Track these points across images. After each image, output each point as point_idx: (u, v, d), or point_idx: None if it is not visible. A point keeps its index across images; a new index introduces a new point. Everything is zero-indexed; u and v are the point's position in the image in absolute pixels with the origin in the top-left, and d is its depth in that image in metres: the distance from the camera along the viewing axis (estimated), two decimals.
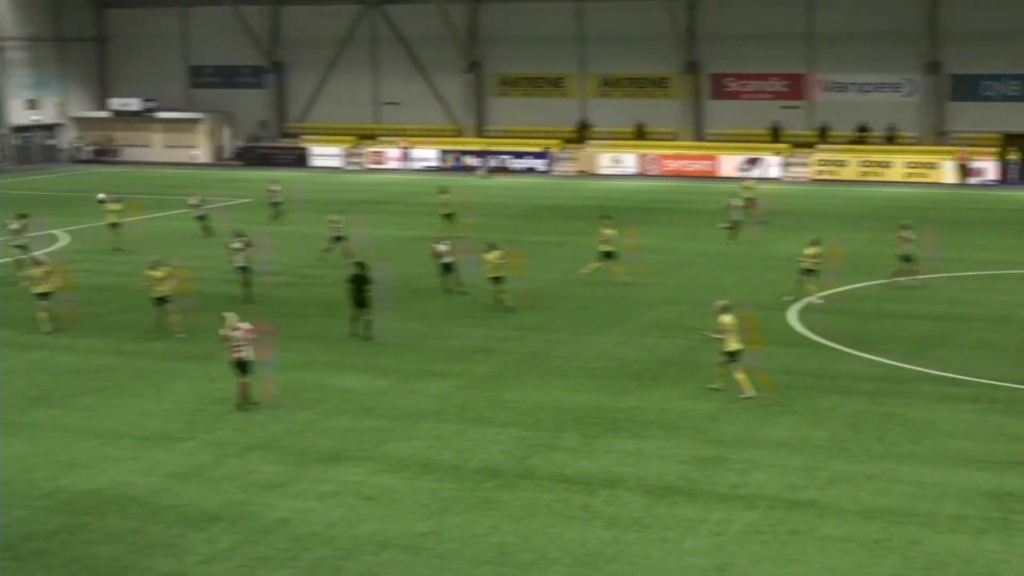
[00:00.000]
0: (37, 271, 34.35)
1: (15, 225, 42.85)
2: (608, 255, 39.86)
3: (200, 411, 26.23)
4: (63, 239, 50.60)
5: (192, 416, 25.88)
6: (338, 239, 43.53)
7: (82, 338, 32.81)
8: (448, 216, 49.48)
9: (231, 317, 26.45)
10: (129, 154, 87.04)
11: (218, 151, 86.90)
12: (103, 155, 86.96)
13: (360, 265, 32.87)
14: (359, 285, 32.26)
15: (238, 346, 25.93)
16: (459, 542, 19.19)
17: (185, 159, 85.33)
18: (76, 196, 66.05)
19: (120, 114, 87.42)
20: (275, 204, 53.98)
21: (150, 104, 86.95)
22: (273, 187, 54.66)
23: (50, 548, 19.01)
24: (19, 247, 42.09)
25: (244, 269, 37.32)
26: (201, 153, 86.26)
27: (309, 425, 25.04)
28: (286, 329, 31.71)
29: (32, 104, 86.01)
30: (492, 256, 35.61)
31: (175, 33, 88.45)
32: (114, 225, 47.56)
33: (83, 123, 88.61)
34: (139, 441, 24.24)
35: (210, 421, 25.53)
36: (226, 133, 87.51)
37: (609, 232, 40.12)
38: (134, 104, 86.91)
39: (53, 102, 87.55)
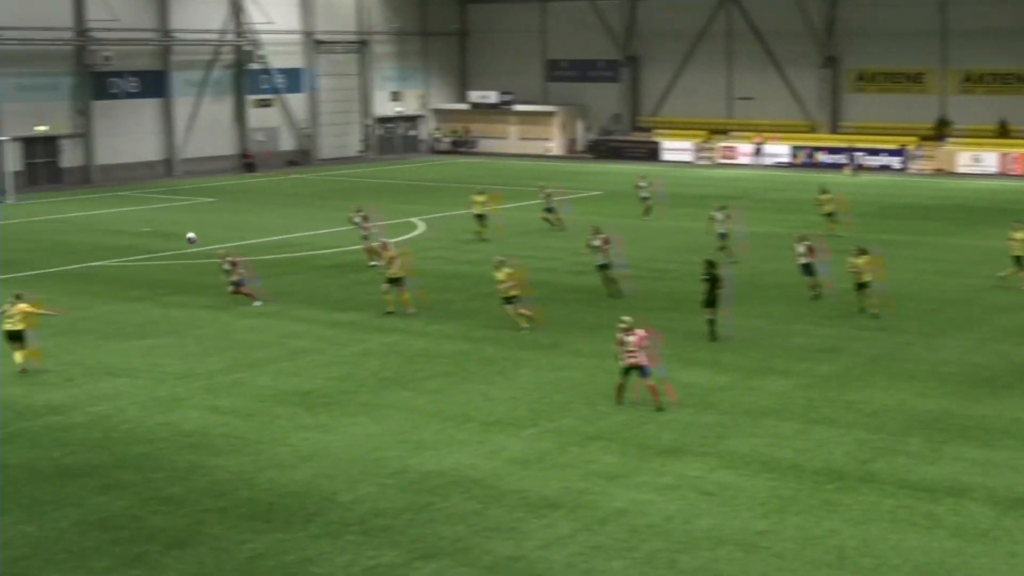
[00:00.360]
0: (388, 254, 35.46)
1: (357, 217, 44.42)
2: (1019, 260, 37.31)
3: (544, 400, 26.65)
4: (420, 227, 52.34)
5: (536, 404, 26.32)
6: (722, 235, 42.77)
7: (434, 323, 33.79)
8: (829, 215, 48.36)
9: (627, 320, 25.94)
10: (485, 145, 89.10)
11: (571, 144, 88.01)
12: (460, 146, 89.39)
13: (711, 264, 32.45)
14: (711, 284, 31.66)
15: (632, 351, 25.42)
16: (797, 543, 18.93)
17: (539, 151, 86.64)
18: (434, 185, 68.32)
19: (478, 106, 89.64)
20: (644, 199, 54.03)
21: (507, 97, 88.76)
22: (641, 183, 54.77)
23: (397, 525, 19.70)
24: (363, 237, 43.55)
25: (604, 267, 37.52)
26: (554, 145, 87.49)
27: (650, 418, 25.12)
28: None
29: (395, 96, 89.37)
30: (860, 261, 34.09)
31: (533, 27, 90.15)
32: (479, 216, 48.71)
33: (442, 115, 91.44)
34: (484, 426, 24.84)
35: (553, 410, 25.93)
36: (579, 126, 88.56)
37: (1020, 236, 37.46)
38: (492, 97, 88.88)
39: (415, 94, 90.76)
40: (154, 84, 75.24)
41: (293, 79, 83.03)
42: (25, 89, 68.95)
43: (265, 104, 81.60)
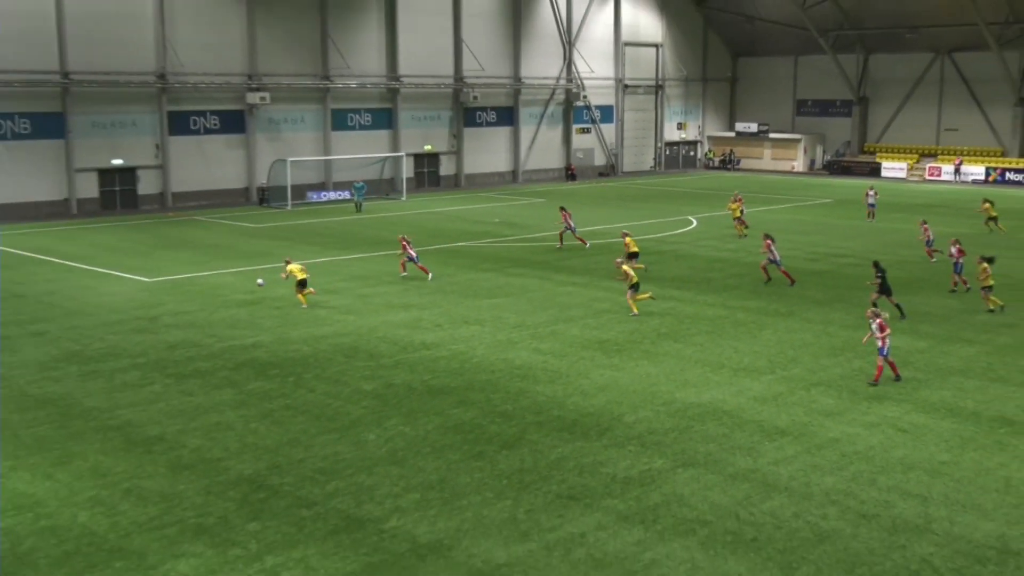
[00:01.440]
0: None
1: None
2: None
3: (780, 354, 26.04)
4: (694, 223, 51.75)
5: (773, 357, 25.75)
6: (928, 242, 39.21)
7: (701, 294, 33.41)
8: (991, 220, 45.31)
9: (875, 308, 23.94)
10: (745, 164, 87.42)
11: (811, 163, 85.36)
12: (726, 164, 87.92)
13: (876, 264, 29.70)
14: (883, 278, 29.06)
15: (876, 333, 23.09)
16: (972, 472, 17.95)
17: (786, 168, 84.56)
18: (705, 193, 67.34)
19: (741, 134, 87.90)
20: (870, 207, 51.60)
21: (763, 127, 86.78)
22: (870, 191, 52.52)
23: (665, 441, 19.65)
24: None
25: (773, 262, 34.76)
26: (798, 164, 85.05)
27: (861, 371, 24.22)
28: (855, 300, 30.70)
29: (680, 126, 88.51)
30: (983, 267, 29.75)
31: (788, 75, 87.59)
32: (738, 219, 47.50)
33: (714, 140, 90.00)
34: (733, 371, 24.48)
35: (786, 362, 25.31)
36: (819, 150, 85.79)
37: None
38: (752, 127, 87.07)
39: (695, 124, 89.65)
40: (506, 116, 76.68)
41: (606, 113, 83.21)
42: (418, 120, 71.50)
43: (585, 131, 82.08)
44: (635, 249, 36.53)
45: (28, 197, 55.72)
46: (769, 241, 34.95)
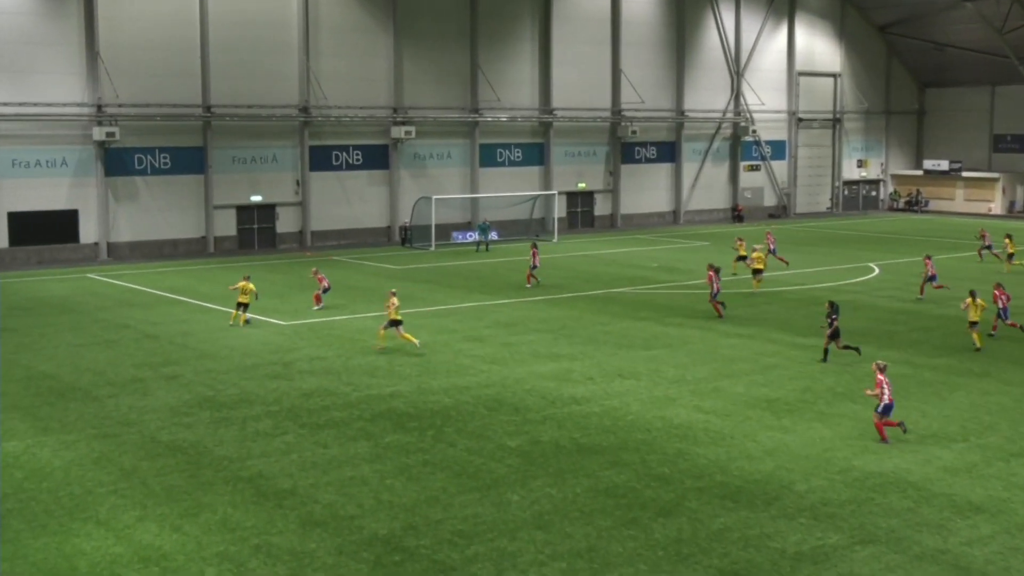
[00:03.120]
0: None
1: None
2: None
3: (973, 419, 24.95)
4: (875, 270, 50.38)
5: (966, 422, 24.69)
6: None
7: (883, 349, 32.38)
8: None
9: None
10: (934, 205, 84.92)
11: (1011, 205, 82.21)
12: (913, 205, 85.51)
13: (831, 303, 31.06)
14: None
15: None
16: None
17: (982, 211, 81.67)
18: (889, 237, 65.54)
19: (929, 172, 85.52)
20: None
21: (956, 165, 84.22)
22: None
23: (841, 514, 18.98)
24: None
25: None
26: (995, 206, 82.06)
27: None
28: None
29: (860, 163, 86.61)
30: None
31: (983, 107, 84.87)
32: (742, 258, 48.42)
33: (899, 179, 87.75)
34: (919, 438, 23.53)
35: (981, 429, 24.21)
36: (1019, 191, 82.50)
37: None
38: (943, 164, 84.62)
39: (877, 162, 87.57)
40: (667, 151, 76.50)
41: (777, 148, 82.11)
42: (571, 156, 71.93)
43: (754, 168, 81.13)
44: (760, 266, 43.18)
45: (166, 234, 58.21)
46: (712, 273, 37.70)
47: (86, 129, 55.41)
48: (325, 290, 40.69)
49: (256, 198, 60.90)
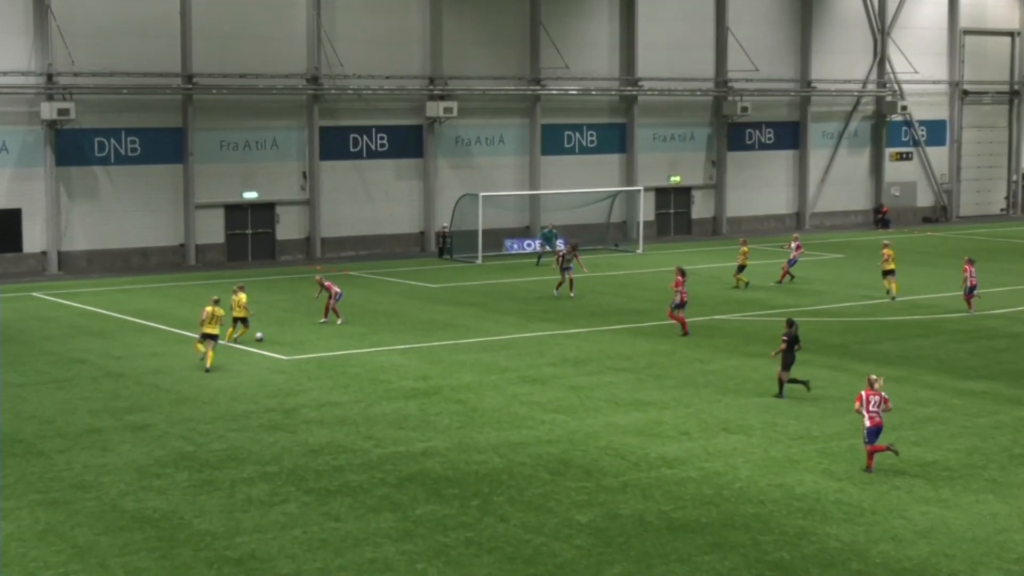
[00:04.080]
0: None
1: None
2: None
3: None
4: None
5: None
6: None
7: None
8: None
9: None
10: None
11: None
12: None
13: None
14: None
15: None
16: None
17: None
18: None
19: None
20: None
21: None
22: None
23: None
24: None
25: None
26: None
27: None
28: None
29: None
30: None
31: None
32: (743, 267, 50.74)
33: None
34: None
35: None
36: None
37: None
38: None
39: None
40: (788, 135, 76.31)
41: (934, 131, 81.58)
42: (662, 140, 71.94)
43: (904, 157, 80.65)
44: (891, 266, 47.09)
45: (133, 242, 58.89)
46: (680, 277, 40.72)
47: (32, 105, 56.24)
48: (336, 297, 42.10)
49: (250, 195, 61.52)
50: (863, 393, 26.06)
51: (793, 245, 54.20)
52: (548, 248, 59.39)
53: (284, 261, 61.47)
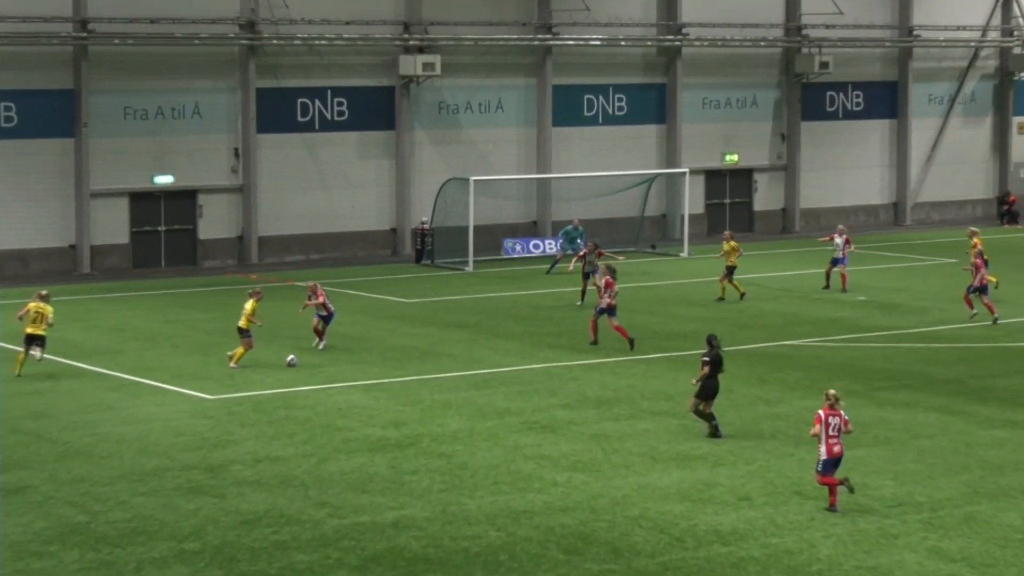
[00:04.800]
0: None
1: None
2: None
3: None
4: None
5: None
6: None
7: None
8: None
9: None
10: None
11: None
12: None
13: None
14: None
15: None
16: None
17: None
18: None
19: None
20: None
21: None
22: None
23: None
24: None
25: None
26: None
27: None
28: None
29: None
30: None
31: None
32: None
33: None
34: None
35: None
36: None
37: None
38: None
39: None
40: (883, 100, 76.37)
41: None
42: (714, 107, 71.89)
43: None
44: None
45: (7, 242, 58.70)
46: (608, 277, 43.24)
47: None
48: (326, 318, 42.72)
49: (164, 180, 61.51)
50: (821, 413, 27.31)
51: (839, 240, 54.27)
52: (571, 251, 58.17)
53: (209, 268, 61.40)
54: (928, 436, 33.49)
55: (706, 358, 33.29)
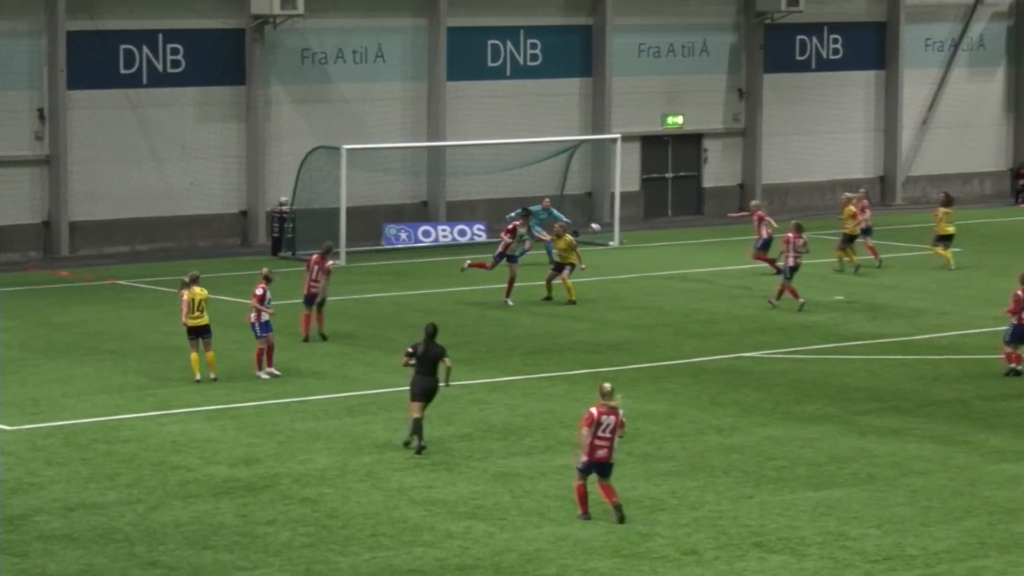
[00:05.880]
0: None
1: None
2: None
3: None
4: None
5: None
6: None
7: None
8: None
9: None
10: None
11: None
12: None
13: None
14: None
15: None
16: None
17: None
18: None
19: None
20: None
21: None
22: None
23: None
24: None
25: None
26: None
27: None
28: None
29: None
30: None
31: None
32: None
33: None
34: None
35: None
36: None
37: None
38: None
39: None
40: (868, 48, 76.97)
41: None
42: (652, 55, 72.23)
43: None
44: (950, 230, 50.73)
45: None
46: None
47: None
48: (263, 326, 43.14)
49: None
50: (593, 411, 28.04)
51: (858, 207, 54.85)
52: (528, 242, 57.24)
53: (7, 263, 61.22)
54: (922, 473, 33.81)
55: (411, 349, 34.64)
